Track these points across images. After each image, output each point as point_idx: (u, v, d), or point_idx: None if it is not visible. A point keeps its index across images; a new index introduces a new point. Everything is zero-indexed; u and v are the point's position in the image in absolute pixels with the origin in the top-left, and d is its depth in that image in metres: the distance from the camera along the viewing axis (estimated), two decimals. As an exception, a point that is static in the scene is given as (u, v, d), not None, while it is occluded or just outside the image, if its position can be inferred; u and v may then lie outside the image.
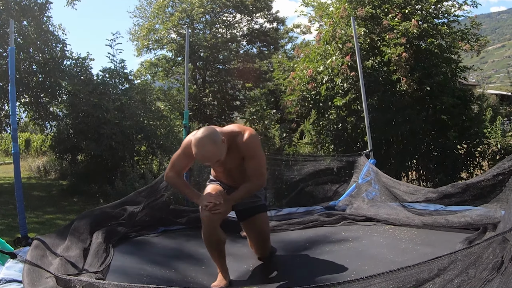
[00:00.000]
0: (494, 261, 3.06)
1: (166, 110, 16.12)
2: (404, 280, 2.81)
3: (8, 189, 14.24)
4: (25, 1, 15.98)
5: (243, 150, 4.56)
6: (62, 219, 9.93)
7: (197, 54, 25.32)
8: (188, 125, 7.77)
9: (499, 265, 3.04)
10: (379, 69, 10.42)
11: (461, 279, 2.90)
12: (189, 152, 4.47)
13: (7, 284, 3.73)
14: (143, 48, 27.64)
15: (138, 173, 12.20)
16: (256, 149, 4.62)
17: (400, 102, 10.24)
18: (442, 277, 2.88)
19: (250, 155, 4.58)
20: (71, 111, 13.88)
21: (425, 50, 10.36)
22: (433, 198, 6.38)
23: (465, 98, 10.88)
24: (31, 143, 27.69)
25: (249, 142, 4.54)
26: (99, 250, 4.84)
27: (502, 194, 5.36)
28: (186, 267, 5.01)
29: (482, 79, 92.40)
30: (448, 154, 10.63)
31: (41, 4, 16.19)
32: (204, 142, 4.23)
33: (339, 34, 10.81)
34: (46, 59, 15.68)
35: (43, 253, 4.50)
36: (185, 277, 4.70)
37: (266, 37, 28.90)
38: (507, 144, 10.40)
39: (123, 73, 14.47)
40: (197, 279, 4.65)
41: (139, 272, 4.69)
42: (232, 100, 27.36)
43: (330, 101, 10.77)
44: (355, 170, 7.68)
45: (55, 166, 18.31)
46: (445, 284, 2.86)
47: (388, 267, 4.09)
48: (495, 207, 5.31)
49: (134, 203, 6.43)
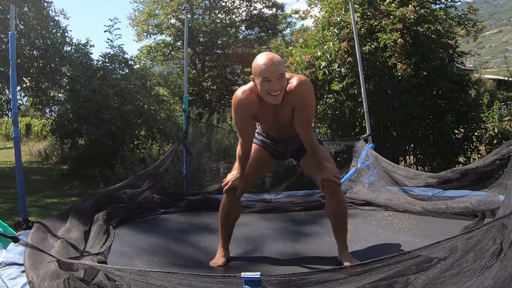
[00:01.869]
0: (493, 248, 3.05)
1: (165, 95, 16.09)
2: (405, 265, 2.81)
3: (9, 173, 14.25)
4: (26, -14, 15.91)
5: (296, 98, 4.21)
6: (63, 203, 9.94)
7: (196, 39, 25.30)
8: (187, 109, 7.73)
9: (498, 251, 3.03)
10: (376, 54, 10.38)
11: (460, 265, 2.89)
12: (247, 103, 4.27)
13: (7, 267, 3.72)
14: (143, 33, 27.63)
15: (138, 157, 12.22)
16: (311, 98, 4.28)
17: (397, 87, 10.20)
18: (443, 263, 2.87)
19: (304, 105, 4.25)
20: (71, 96, 13.87)
21: (422, 36, 10.30)
22: (433, 183, 6.36)
23: (462, 83, 10.83)
24: (31, 127, 27.69)
25: (304, 89, 4.20)
26: (100, 231, 4.84)
27: (501, 179, 5.36)
28: (185, 246, 5.04)
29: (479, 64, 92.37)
30: (445, 139, 10.59)
31: (41, -11, 16.15)
32: (270, 53, 4.12)
33: (336, 20, 10.78)
34: (46, 45, 15.64)
35: (44, 236, 4.50)
36: (184, 256, 4.73)
37: (265, 22, 28.86)
38: (504, 129, 10.40)
39: (123, 58, 14.46)
40: (196, 257, 4.66)
41: (138, 252, 4.72)
42: (231, 84, 27.31)
43: (328, 86, 10.75)
44: (354, 155, 7.66)
45: (55, 150, 18.34)
46: (446, 270, 2.85)
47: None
48: (493, 193, 5.30)
49: (134, 187, 6.45)
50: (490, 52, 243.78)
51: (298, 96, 4.16)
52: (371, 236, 5.22)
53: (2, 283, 3.34)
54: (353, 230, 5.33)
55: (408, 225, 5.42)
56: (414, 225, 5.39)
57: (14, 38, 5.41)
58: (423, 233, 5.02)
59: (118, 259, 4.37)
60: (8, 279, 3.48)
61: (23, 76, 15.60)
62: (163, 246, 4.97)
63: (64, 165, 16.32)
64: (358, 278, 2.76)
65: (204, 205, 6.61)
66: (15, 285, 3.38)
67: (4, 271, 3.60)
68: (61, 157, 17.67)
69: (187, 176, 7.58)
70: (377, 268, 2.77)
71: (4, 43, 15.42)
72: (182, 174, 7.64)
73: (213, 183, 9.10)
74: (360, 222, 5.85)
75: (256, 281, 2.59)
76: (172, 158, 7.17)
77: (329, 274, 2.77)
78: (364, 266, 2.80)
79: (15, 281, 3.46)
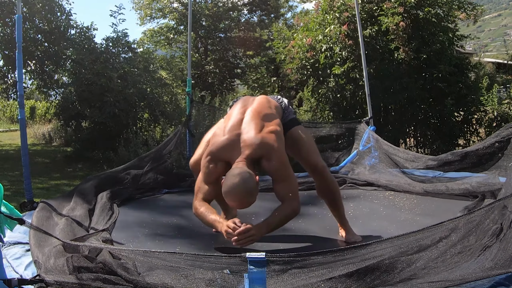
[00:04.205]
0: (494, 228, 3.05)
1: (168, 78, 16.08)
2: (408, 245, 2.81)
3: (14, 156, 14.27)
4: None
5: (271, 174, 4.04)
6: (67, 185, 9.94)
7: (199, 23, 25.22)
8: (191, 92, 7.72)
9: (498, 231, 3.03)
10: (377, 38, 10.36)
11: (462, 245, 2.89)
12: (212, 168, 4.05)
13: (12, 246, 3.73)
14: (146, 17, 27.54)
15: (141, 140, 12.21)
16: (286, 171, 4.02)
17: (397, 71, 10.21)
18: (444, 242, 2.87)
19: (278, 179, 4.03)
20: (75, 79, 13.92)
21: (423, 19, 10.28)
22: (433, 165, 6.39)
23: (462, 66, 10.82)
24: (36, 110, 27.65)
25: (277, 167, 3.98)
26: (104, 209, 4.84)
27: (500, 161, 5.36)
28: (187, 220, 5.05)
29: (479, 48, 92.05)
30: (445, 121, 10.60)
31: (46, -27, 16.11)
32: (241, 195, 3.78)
33: (337, 3, 10.76)
34: (51, 28, 15.63)
35: (48, 214, 4.50)
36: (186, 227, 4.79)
37: (267, 6, 28.72)
38: (503, 112, 10.40)
39: (126, 42, 14.46)
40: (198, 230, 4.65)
41: (141, 225, 4.78)
42: (233, 68, 27.24)
43: (329, 69, 10.75)
44: (355, 137, 7.65)
45: (59, 133, 18.34)
46: (447, 249, 2.85)
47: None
48: (493, 174, 5.30)
49: (138, 168, 6.46)
50: (490, 36, 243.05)
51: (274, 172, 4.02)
52: (373, 213, 5.25)
53: (7, 263, 3.34)
54: (355, 208, 5.35)
55: (409, 204, 5.43)
56: (415, 204, 5.40)
57: (20, 21, 5.38)
58: (424, 212, 5.04)
59: (122, 232, 4.40)
60: (13, 259, 3.48)
61: (28, 60, 15.60)
62: (166, 220, 5.02)
63: (68, 147, 16.32)
64: (362, 258, 2.77)
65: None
66: (19, 264, 3.38)
67: (8, 251, 3.60)
68: (65, 139, 17.68)
69: (190, 158, 7.58)
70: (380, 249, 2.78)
71: (9, 27, 15.43)
72: (185, 156, 7.64)
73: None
74: (362, 201, 5.86)
75: (261, 262, 2.58)
76: (176, 141, 7.17)
77: (333, 255, 2.76)
78: (367, 247, 2.80)
79: (20, 260, 3.45)
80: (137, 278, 2.76)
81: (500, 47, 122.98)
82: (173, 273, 2.74)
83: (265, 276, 2.58)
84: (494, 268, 2.77)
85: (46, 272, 2.99)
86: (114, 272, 2.84)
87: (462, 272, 2.77)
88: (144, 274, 2.79)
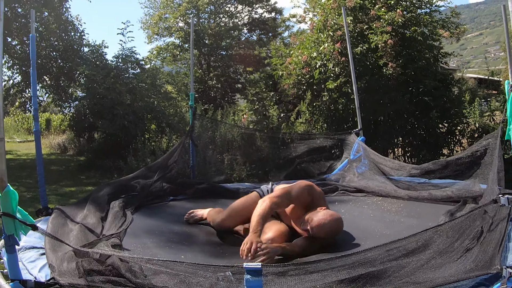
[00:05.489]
0: (475, 231, 3.07)
1: (174, 93, 16.14)
2: (396, 251, 2.87)
3: (30, 164, 14.29)
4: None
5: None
6: (80, 191, 9.96)
7: (202, 41, 25.27)
8: (194, 106, 7.72)
9: (479, 234, 3.04)
10: (367, 55, 10.40)
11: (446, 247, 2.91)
12: None
13: (27, 250, 3.72)
14: (153, 35, 27.62)
15: (149, 149, 12.25)
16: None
17: (386, 85, 10.24)
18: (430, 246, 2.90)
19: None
20: (88, 94, 14.01)
21: (409, 38, 10.32)
22: (416, 174, 6.42)
23: (446, 81, 10.87)
24: (51, 122, 27.76)
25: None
26: (116, 217, 4.84)
27: (480, 170, 5.38)
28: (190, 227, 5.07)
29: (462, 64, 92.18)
30: (430, 133, 10.66)
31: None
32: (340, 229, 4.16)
33: (330, 23, 10.80)
34: (65, 47, 15.75)
35: (63, 221, 4.50)
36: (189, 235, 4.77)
37: (265, 25, 28.83)
38: (484, 123, 10.43)
39: (135, 59, 14.54)
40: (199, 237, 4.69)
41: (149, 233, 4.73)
42: (234, 83, 27.29)
43: (323, 84, 10.79)
44: (346, 147, 7.67)
45: (73, 143, 18.40)
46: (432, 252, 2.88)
47: (377, 239, 4.20)
48: (473, 182, 5.32)
49: (146, 177, 6.47)
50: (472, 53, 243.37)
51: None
52: (362, 216, 5.29)
53: (22, 265, 3.34)
54: (346, 213, 5.33)
55: (396, 208, 5.45)
56: (402, 207, 5.43)
57: (34, 40, 5.38)
58: (409, 214, 5.07)
59: (132, 238, 4.39)
60: (28, 261, 3.48)
61: (44, 75, 15.70)
62: (172, 226, 5.00)
63: (81, 156, 16.36)
64: (353, 266, 2.81)
65: (209, 193, 6.63)
66: (34, 267, 3.38)
67: (24, 255, 3.60)
68: (78, 149, 17.72)
69: (194, 167, 7.60)
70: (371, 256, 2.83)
71: (26, 46, 15.53)
72: (189, 165, 7.65)
73: (217, 172, 9.12)
74: (352, 206, 5.87)
75: (257, 271, 2.60)
76: (180, 151, 7.18)
77: (326, 263, 2.81)
78: (358, 255, 2.86)
79: (34, 263, 3.46)
80: (143, 281, 2.77)
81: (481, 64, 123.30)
82: (177, 277, 2.75)
83: (262, 284, 2.60)
84: (475, 270, 2.79)
85: (60, 275, 3.01)
86: (122, 274, 2.85)
87: (445, 273, 2.78)
88: (150, 277, 2.80)
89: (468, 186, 5.31)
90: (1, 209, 2.82)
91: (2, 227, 2.86)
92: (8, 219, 2.82)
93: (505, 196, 3.03)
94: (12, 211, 2.82)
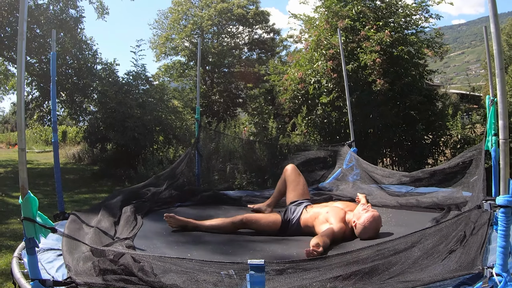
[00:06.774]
0: (459, 234, 3.09)
1: (180, 107, 16.18)
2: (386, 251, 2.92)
3: (48, 173, 14.28)
4: (63, 16, 16.11)
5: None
6: (94, 198, 9.95)
7: (206, 60, 25.37)
8: (199, 119, 7.73)
9: (462, 238, 3.07)
10: (358, 72, 10.43)
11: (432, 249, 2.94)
12: None
13: (45, 252, 3.73)
14: (161, 54, 27.74)
15: (157, 159, 12.28)
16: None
17: (375, 100, 10.26)
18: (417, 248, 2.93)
19: None
20: (101, 108, 14.05)
21: (397, 56, 10.34)
22: (406, 181, 6.42)
23: (430, 97, 10.91)
24: (67, 134, 27.86)
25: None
26: (128, 221, 4.84)
27: (464, 178, 5.39)
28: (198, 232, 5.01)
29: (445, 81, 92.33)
30: (416, 144, 10.71)
31: (75, 18, 16.39)
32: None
33: (323, 43, 10.85)
34: (80, 65, 15.81)
35: (79, 226, 4.50)
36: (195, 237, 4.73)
37: (264, 45, 28.95)
38: (466, 135, 10.45)
39: (145, 76, 14.58)
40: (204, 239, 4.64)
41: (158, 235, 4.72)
42: (235, 98, 27.41)
43: (317, 99, 10.82)
44: (339, 158, 7.66)
45: (87, 153, 18.51)
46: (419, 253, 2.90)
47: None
48: (458, 189, 5.33)
49: (155, 185, 6.48)
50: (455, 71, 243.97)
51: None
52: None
53: (41, 266, 3.35)
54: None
55: (385, 217, 5.41)
56: (391, 217, 5.39)
57: (55, 58, 5.41)
58: (398, 223, 5.02)
59: (142, 240, 4.38)
60: (46, 262, 3.49)
61: (60, 91, 15.73)
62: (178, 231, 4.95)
63: (94, 166, 16.40)
64: (347, 264, 2.85)
65: (213, 200, 6.62)
66: (51, 267, 3.39)
67: (42, 256, 3.61)
68: (92, 159, 17.79)
69: (199, 175, 7.60)
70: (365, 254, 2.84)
71: (44, 64, 15.60)
72: (195, 173, 7.65)
73: (220, 180, 9.12)
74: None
75: (260, 267, 2.61)
76: (186, 160, 7.19)
77: (324, 261, 2.85)
78: (351, 254, 2.91)
79: (52, 264, 3.47)
80: (154, 279, 2.78)
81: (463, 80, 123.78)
82: (185, 275, 2.76)
83: (264, 279, 2.61)
84: (459, 270, 2.81)
85: (76, 274, 3.02)
86: (134, 273, 2.86)
87: (432, 273, 2.80)
88: (160, 276, 2.81)
89: (452, 193, 5.32)
90: (22, 214, 2.83)
91: (23, 230, 2.87)
92: (29, 223, 2.83)
93: (487, 202, 3.05)
94: (32, 216, 2.83)
